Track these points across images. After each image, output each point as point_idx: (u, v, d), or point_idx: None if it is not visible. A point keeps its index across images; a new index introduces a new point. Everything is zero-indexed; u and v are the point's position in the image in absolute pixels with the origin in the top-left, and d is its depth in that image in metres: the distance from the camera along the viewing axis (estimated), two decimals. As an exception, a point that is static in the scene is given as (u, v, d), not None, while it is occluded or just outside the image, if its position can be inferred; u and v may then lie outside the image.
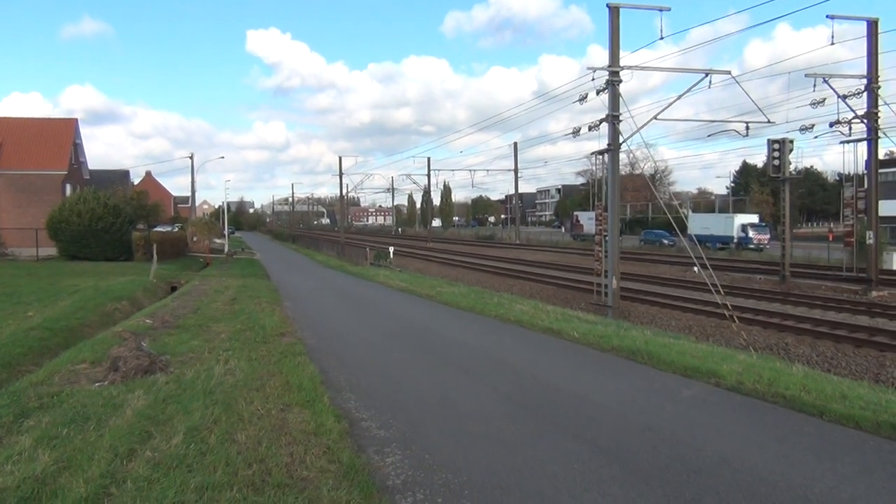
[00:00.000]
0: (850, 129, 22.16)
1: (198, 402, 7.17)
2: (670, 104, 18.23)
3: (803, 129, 22.12)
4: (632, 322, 16.67)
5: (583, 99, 18.67)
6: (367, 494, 4.98)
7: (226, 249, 50.98)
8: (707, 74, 17.55)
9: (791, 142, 23.60)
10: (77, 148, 46.72)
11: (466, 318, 14.97)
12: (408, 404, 7.52)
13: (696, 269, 19.76)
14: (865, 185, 22.90)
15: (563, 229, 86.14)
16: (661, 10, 17.41)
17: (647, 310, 19.38)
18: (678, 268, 31.80)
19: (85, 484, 5.01)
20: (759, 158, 74.56)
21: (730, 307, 15.10)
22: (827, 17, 20.45)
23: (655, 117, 18.02)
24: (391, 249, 38.56)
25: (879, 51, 21.85)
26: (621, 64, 17.78)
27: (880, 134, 21.88)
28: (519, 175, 47.36)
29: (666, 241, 52.44)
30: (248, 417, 6.70)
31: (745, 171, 79.99)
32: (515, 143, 48.24)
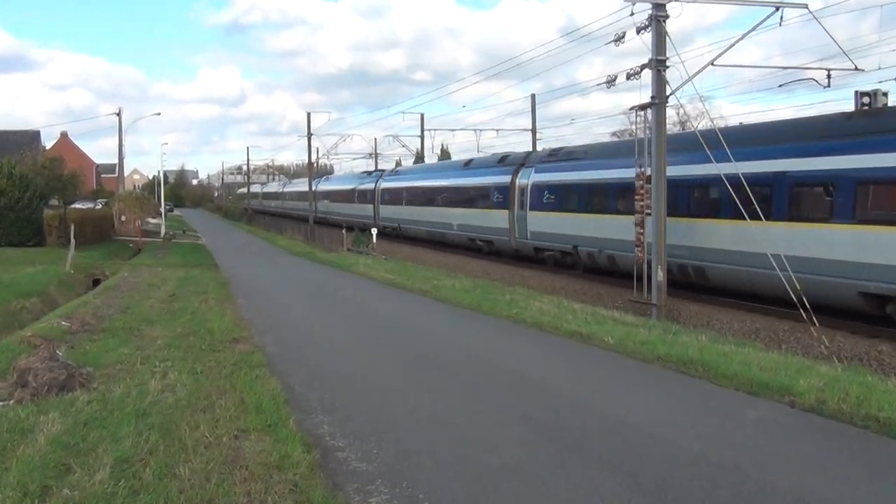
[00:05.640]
0: (963, 77, 21.80)
1: (129, 427, 7.18)
2: (731, 46, 17.90)
3: (901, 79, 21.91)
4: (682, 324, 16.53)
5: (619, 39, 18.44)
6: (345, 544, 5.02)
7: (163, 232, 50.99)
8: (778, 8, 17.36)
9: (885, 94, 23.31)
10: (-28, 102, 46.49)
11: (471, 320, 15.08)
12: (397, 429, 7.55)
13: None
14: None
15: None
16: (721, -76, 17.41)
17: (702, 308, 19.09)
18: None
19: (-15, 531, 5.06)
20: (844, 115, 73.85)
21: (808, 305, 14.91)
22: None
23: (713, 63, 17.74)
24: (374, 231, 38.66)
25: None
26: (669, -6, 17.79)
27: None
28: (538, 136, 46.45)
29: None
30: (193, 446, 6.72)
31: (827, 132, 79.33)
32: (533, 96, 46.82)
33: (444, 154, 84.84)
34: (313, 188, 61.89)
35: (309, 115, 56.92)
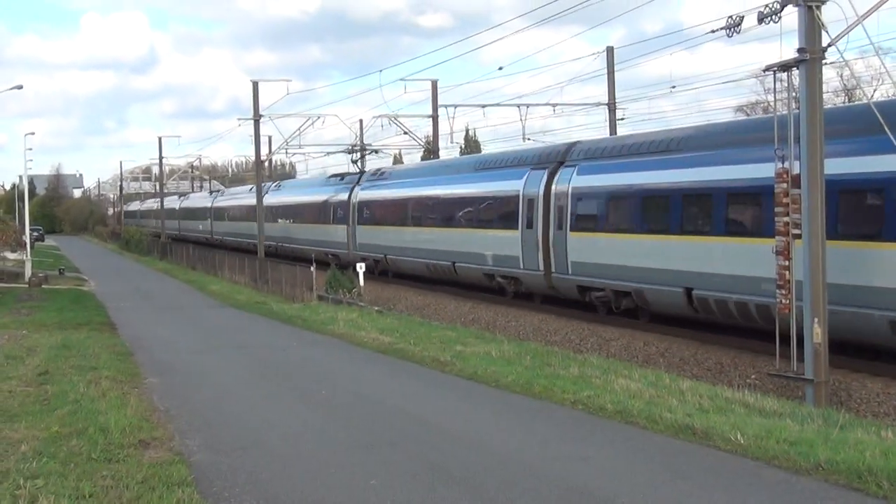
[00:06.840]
0: None
1: None
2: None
3: None
4: (854, 411, 16.16)
5: (745, -42, 17.57)
6: None
7: (28, 272, 50.30)
8: None
9: None
10: None
11: (517, 409, 14.42)
12: None
13: None
14: None
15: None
16: None
17: (887, 386, 17.83)
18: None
19: None
20: None
21: None
22: None
23: (896, -6, 16.70)
24: (361, 268, 37.51)
25: None
26: None
27: None
28: (619, 115, 42.21)
29: None
30: None
31: None
32: (611, 49, 42.82)
33: (471, 144, 79.86)
34: (353, 195, 47.47)
35: (256, 85, 49.53)
